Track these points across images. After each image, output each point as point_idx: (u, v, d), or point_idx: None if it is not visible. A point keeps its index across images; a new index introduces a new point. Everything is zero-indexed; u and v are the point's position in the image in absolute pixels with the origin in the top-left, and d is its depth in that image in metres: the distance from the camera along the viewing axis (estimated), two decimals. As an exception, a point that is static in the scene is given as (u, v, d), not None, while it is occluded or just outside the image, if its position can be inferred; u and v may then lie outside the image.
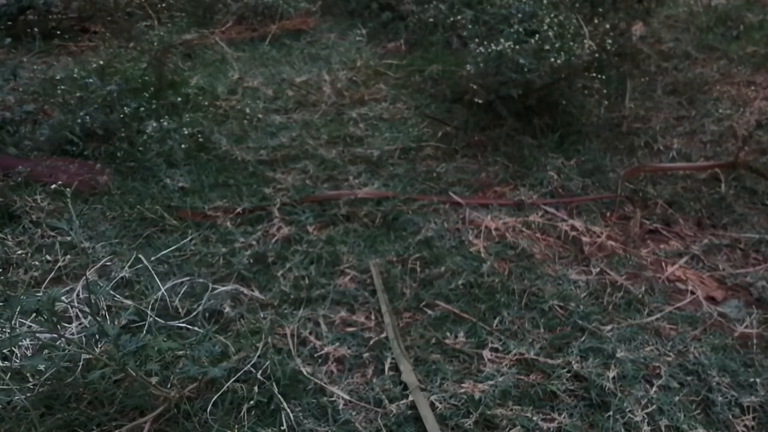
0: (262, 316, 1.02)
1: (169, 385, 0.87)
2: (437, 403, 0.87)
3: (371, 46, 2.09)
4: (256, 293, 1.06)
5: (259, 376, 0.89)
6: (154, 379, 0.85)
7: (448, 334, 1.00)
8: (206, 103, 1.61)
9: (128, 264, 1.09)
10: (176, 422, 0.83)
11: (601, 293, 1.10)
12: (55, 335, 0.78)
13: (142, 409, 0.84)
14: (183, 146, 1.40)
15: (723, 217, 1.32)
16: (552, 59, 1.42)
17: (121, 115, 1.41)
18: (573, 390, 0.91)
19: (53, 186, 0.76)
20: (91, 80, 1.47)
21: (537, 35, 1.46)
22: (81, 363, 0.89)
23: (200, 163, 1.40)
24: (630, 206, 1.34)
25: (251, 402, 0.85)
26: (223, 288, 1.06)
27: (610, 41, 1.57)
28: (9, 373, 0.86)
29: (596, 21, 1.60)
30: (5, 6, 2.05)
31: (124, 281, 1.07)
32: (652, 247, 1.24)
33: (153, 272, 1.07)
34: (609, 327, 1.02)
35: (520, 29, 1.48)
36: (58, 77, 1.63)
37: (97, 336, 0.80)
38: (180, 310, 1.01)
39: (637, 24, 2.01)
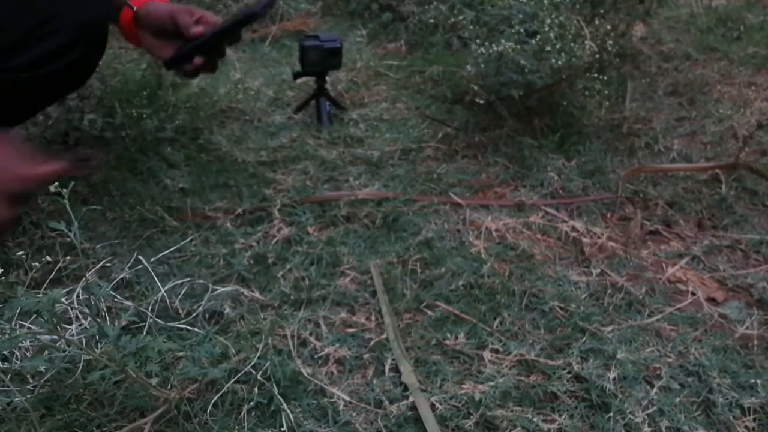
0: (262, 317, 1.02)
1: (169, 387, 0.86)
2: (438, 404, 0.87)
3: (371, 47, 2.09)
4: (257, 294, 1.06)
5: (259, 377, 0.89)
6: (154, 380, 0.85)
7: (448, 335, 1.00)
8: (207, 104, 1.61)
9: (128, 265, 1.09)
10: (176, 424, 0.83)
11: (601, 294, 1.10)
12: (55, 336, 0.78)
13: (142, 411, 0.84)
14: (182, 147, 1.40)
15: (723, 218, 1.31)
16: (553, 60, 1.42)
17: (122, 117, 1.41)
18: (573, 391, 0.91)
19: (52, 188, 0.76)
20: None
21: (538, 36, 1.46)
22: (81, 364, 0.89)
23: (200, 164, 1.40)
24: (630, 207, 1.34)
25: (251, 403, 0.85)
26: (224, 289, 1.06)
27: (610, 42, 1.57)
28: (9, 375, 0.86)
29: (597, 22, 1.60)
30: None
31: (124, 282, 1.07)
32: (652, 248, 1.24)
33: (153, 273, 1.07)
34: (609, 328, 1.02)
35: (521, 30, 1.48)
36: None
37: (97, 337, 0.80)
38: (180, 311, 1.01)
39: (637, 25, 2.01)
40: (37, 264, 0.80)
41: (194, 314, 1.01)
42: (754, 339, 1.02)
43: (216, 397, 0.86)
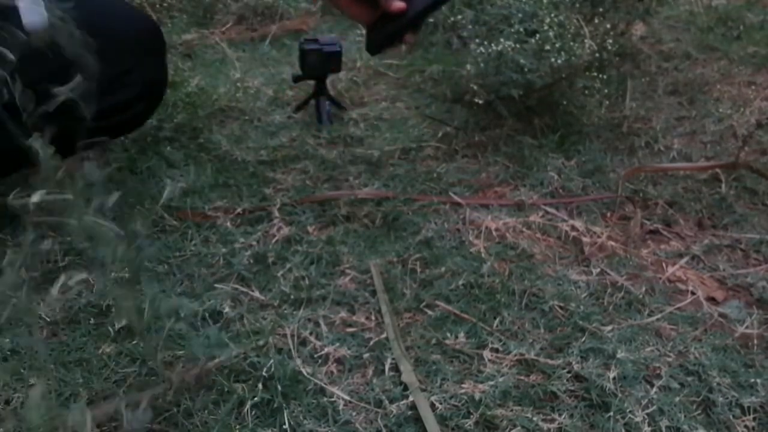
0: (262, 316, 1.02)
1: (170, 373, 0.86)
2: (437, 404, 0.87)
3: (371, 46, 2.09)
4: (257, 293, 1.06)
5: (264, 374, 0.89)
6: (159, 356, 0.85)
7: (448, 334, 0.99)
8: (206, 103, 1.61)
9: (128, 265, 1.09)
10: (176, 423, 0.83)
11: (601, 294, 1.10)
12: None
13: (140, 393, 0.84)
14: (182, 147, 1.40)
15: (723, 218, 1.31)
16: (552, 59, 1.42)
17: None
18: (573, 390, 0.91)
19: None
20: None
21: (537, 35, 1.46)
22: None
23: (200, 164, 1.40)
24: (630, 206, 1.34)
25: (254, 400, 0.85)
26: (223, 288, 1.06)
27: (610, 41, 1.57)
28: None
29: (596, 21, 1.60)
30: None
31: (123, 282, 1.06)
32: (652, 247, 1.24)
33: (153, 272, 1.07)
34: (609, 327, 1.02)
35: (521, 29, 1.48)
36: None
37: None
38: (180, 310, 1.01)
39: (637, 24, 2.01)
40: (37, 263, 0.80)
41: (194, 314, 1.01)
42: (754, 338, 1.02)
43: (217, 396, 0.86)
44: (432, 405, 0.87)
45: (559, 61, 1.42)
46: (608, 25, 1.63)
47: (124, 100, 1.04)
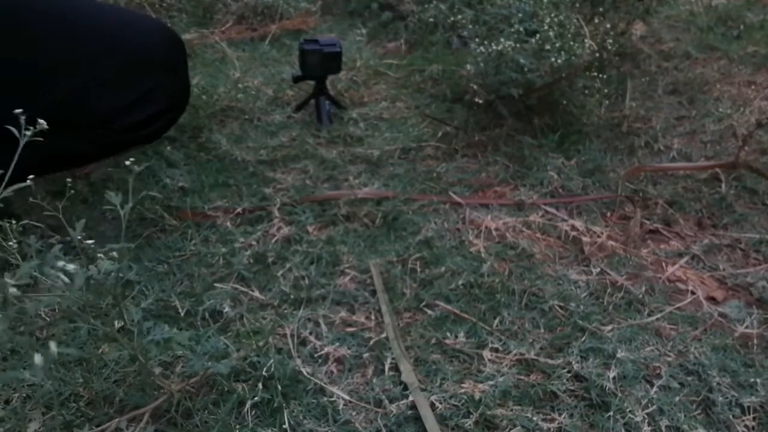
0: (262, 316, 1.02)
1: (170, 382, 0.86)
2: (437, 404, 0.87)
3: (371, 46, 2.09)
4: (256, 293, 1.06)
5: (264, 374, 0.89)
6: (157, 370, 0.85)
7: (448, 334, 1.00)
8: (206, 103, 1.61)
9: (128, 264, 1.09)
10: (175, 423, 0.83)
11: (601, 293, 1.10)
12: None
13: (142, 408, 0.84)
14: (182, 147, 1.40)
15: (723, 217, 1.31)
16: (552, 59, 1.42)
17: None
18: (573, 390, 0.91)
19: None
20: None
21: (537, 35, 1.46)
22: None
23: (200, 163, 1.40)
24: (630, 206, 1.34)
25: (254, 399, 0.85)
26: (223, 288, 1.06)
27: (610, 41, 1.57)
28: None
29: (596, 21, 1.60)
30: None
31: (124, 281, 1.06)
32: (652, 247, 1.24)
33: (153, 272, 1.07)
34: (609, 327, 1.02)
35: (521, 29, 1.48)
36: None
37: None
38: (180, 309, 1.01)
39: (637, 24, 2.01)
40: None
41: (194, 313, 1.01)
42: (754, 338, 1.02)
43: (217, 396, 0.86)
44: (432, 405, 0.87)
45: (559, 61, 1.42)
46: (608, 25, 1.63)
47: (151, 115, 1.09)
